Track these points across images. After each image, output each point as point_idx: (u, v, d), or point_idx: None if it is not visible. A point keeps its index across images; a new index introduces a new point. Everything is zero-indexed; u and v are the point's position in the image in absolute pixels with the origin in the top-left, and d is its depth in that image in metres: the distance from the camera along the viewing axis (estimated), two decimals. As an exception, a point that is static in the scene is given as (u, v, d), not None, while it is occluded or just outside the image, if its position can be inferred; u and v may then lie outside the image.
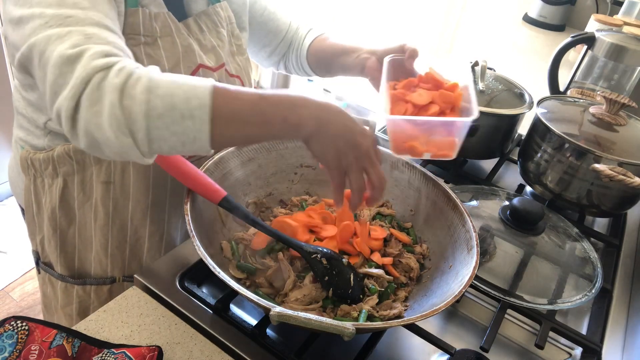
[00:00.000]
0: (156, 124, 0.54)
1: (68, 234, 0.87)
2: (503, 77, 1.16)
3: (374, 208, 0.85)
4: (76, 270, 0.91)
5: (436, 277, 0.73)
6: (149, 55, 0.73)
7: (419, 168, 0.84)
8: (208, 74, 0.80)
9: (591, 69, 1.39)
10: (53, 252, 0.89)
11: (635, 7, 1.87)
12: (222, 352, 0.64)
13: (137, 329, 0.65)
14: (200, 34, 0.81)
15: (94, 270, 0.90)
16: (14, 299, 1.92)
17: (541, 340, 0.70)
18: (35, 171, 0.82)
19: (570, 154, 0.92)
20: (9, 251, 2.07)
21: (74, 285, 0.91)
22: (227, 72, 0.86)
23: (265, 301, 0.57)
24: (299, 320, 0.54)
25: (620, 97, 0.96)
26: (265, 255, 0.73)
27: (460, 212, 0.75)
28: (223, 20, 0.85)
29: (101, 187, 0.81)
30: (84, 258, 0.89)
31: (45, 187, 0.83)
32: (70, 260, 0.90)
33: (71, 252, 0.89)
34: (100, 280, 0.90)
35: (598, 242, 0.97)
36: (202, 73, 0.80)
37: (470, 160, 1.17)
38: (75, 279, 0.91)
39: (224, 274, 0.59)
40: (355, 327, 0.53)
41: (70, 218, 0.85)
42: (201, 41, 0.81)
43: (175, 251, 0.78)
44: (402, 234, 0.81)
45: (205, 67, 0.80)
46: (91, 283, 0.91)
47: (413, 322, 0.60)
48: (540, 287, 0.78)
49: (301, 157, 0.87)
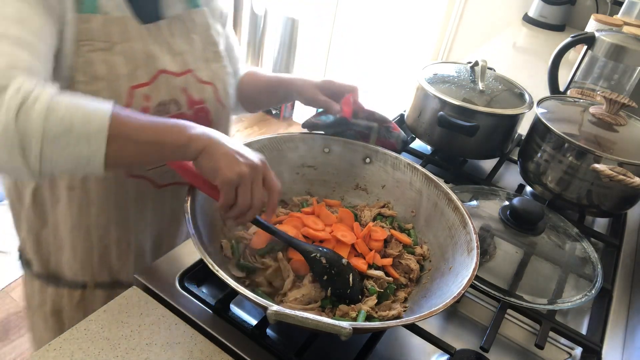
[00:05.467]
0: (50, 146, 0.55)
1: (42, 234, 0.87)
2: (503, 77, 1.16)
3: (375, 209, 0.85)
4: (51, 271, 0.91)
5: (436, 278, 0.73)
6: (105, 60, 0.72)
7: (421, 169, 0.84)
8: (170, 80, 0.79)
9: (591, 69, 1.39)
10: (30, 250, 0.90)
11: (635, 7, 1.87)
12: (222, 352, 0.64)
13: (137, 329, 0.65)
14: (170, 38, 0.80)
15: (67, 273, 0.90)
16: (14, 299, 1.92)
17: (541, 340, 0.70)
18: None
19: (570, 154, 0.92)
20: (9, 251, 2.07)
21: (48, 286, 0.92)
22: (198, 78, 0.84)
23: (263, 300, 0.57)
24: (296, 320, 0.54)
25: (620, 97, 0.96)
26: (265, 255, 0.73)
27: (462, 214, 0.75)
28: (197, 26, 0.84)
29: (66, 192, 0.80)
30: (58, 260, 0.89)
31: (23, 186, 0.84)
32: (46, 261, 0.90)
33: (46, 253, 0.89)
34: (73, 283, 0.90)
35: (598, 242, 0.97)
36: (162, 79, 0.78)
37: (470, 160, 1.17)
38: (50, 280, 0.91)
39: (222, 272, 0.59)
40: (352, 327, 0.53)
41: (44, 219, 0.85)
42: (170, 45, 0.80)
43: (175, 251, 0.78)
44: (402, 235, 0.81)
45: (167, 72, 0.79)
46: (64, 285, 0.91)
47: (413, 323, 0.60)
48: (540, 287, 0.78)
49: (304, 157, 0.88)
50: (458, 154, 1.12)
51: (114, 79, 0.73)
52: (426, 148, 1.18)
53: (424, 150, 1.15)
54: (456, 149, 1.10)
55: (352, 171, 0.89)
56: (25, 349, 1.77)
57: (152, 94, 0.77)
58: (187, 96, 0.82)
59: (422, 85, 1.07)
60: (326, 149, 0.88)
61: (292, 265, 0.71)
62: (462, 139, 1.03)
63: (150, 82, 0.76)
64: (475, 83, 1.08)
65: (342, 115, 0.84)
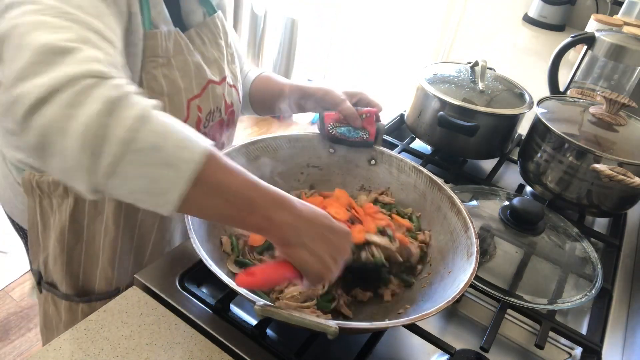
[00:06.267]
0: (131, 158, 0.46)
1: (74, 251, 0.84)
2: (503, 77, 1.16)
3: (372, 195, 0.86)
4: (80, 288, 0.89)
5: (435, 282, 0.73)
6: (166, 75, 0.72)
7: (425, 172, 0.83)
8: (215, 88, 0.80)
9: (591, 69, 1.39)
10: (59, 272, 0.86)
11: (635, 7, 1.87)
12: (222, 352, 0.64)
13: (137, 329, 0.65)
14: (203, 47, 0.80)
15: (97, 286, 0.88)
16: (14, 299, 1.92)
17: (541, 340, 0.70)
18: (42, 193, 0.79)
19: (570, 154, 0.92)
20: (9, 251, 2.07)
21: (79, 304, 0.89)
22: (228, 83, 0.85)
23: (252, 295, 0.57)
24: (281, 316, 0.54)
25: (620, 97, 0.96)
26: (264, 252, 0.73)
27: (464, 218, 0.74)
28: (220, 31, 0.84)
29: (113, 202, 0.79)
30: (89, 274, 0.87)
31: (53, 207, 0.80)
32: (75, 278, 0.87)
33: (76, 270, 0.87)
34: (105, 294, 0.89)
35: (598, 242, 0.97)
36: (210, 88, 0.79)
37: (470, 160, 1.17)
38: (80, 297, 0.89)
39: (216, 267, 0.59)
40: (338, 326, 0.53)
41: (79, 235, 0.83)
42: (204, 54, 0.80)
43: (175, 251, 0.78)
44: (404, 219, 0.81)
45: (213, 82, 0.80)
46: (96, 299, 0.89)
47: (412, 323, 0.60)
48: (540, 287, 0.78)
49: (309, 157, 0.88)
50: (458, 154, 1.12)
51: (175, 93, 0.73)
52: (426, 148, 1.18)
53: (424, 150, 1.15)
54: (456, 149, 1.10)
55: (357, 172, 0.89)
56: (25, 349, 1.77)
57: (202, 105, 0.78)
58: (224, 102, 0.83)
59: (423, 85, 1.07)
60: (331, 149, 0.88)
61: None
62: (462, 139, 1.03)
63: (201, 93, 0.77)
64: (476, 83, 1.08)
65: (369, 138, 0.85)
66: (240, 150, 0.80)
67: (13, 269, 2.00)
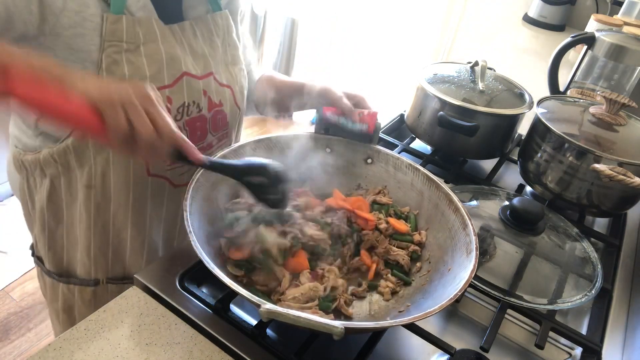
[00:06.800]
0: None
1: (56, 233, 0.88)
2: (503, 77, 1.16)
3: (370, 196, 0.86)
4: (64, 269, 0.92)
5: (435, 280, 0.73)
6: (130, 61, 0.72)
7: (422, 170, 0.83)
8: (192, 82, 0.80)
9: (591, 69, 1.39)
10: (41, 248, 0.91)
11: (635, 7, 1.87)
12: (222, 352, 0.64)
13: (137, 329, 0.65)
14: (193, 39, 0.80)
15: (79, 271, 0.91)
16: (14, 299, 1.92)
17: (541, 340, 0.70)
18: (27, 171, 0.83)
19: (570, 154, 0.92)
20: (9, 251, 2.07)
21: (60, 283, 0.93)
22: (218, 81, 0.85)
23: (257, 297, 0.57)
24: (288, 318, 0.54)
25: (620, 97, 0.96)
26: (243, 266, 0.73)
27: (462, 215, 0.75)
28: (220, 29, 0.84)
29: (83, 190, 0.81)
30: (71, 257, 0.90)
31: (36, 186, 0.84)
32: (59, 259, 0.91)
33: (59, 251, 0.90)
34: (84, 281, 0.91)
35: (598, 242, 0.97)
36: (185, 81, 0.79)
37: (470, 160, 1.17)
38: (61, 277, 0.92)
39: (217, 269, 0.59)
40: (344, 327, 0.53)
41: (59, 218, 0.86)
42: (193, 47, 0.80)
43: (175, 251, 0.78)
44: (399, 222, 0.81)
45: (189, 75, 0.79)
46: (75, 283, 0.92)
47: (412, 322, 0.60)
48: (540, 287, 0.78)
49: (305, 156, 0.87)
50: (458, 154, 1.12)
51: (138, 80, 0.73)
52: (426, 148, 1.18)
53: (424, 150, 1.15)
54: (456, 149, 1.10)
55: (354, 171, 0.89)
56: (25, 349, 1.77)
57: (173, 96, 0.77)
58: (207, 99, 0.83)
59: (423, 85, 1.07)
60: (328, 148, 0.88)
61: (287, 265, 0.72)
62: (462, 139, 1.03)
63: (173, 84, 0.77)
64: (475, 83, 1.08)
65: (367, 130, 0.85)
66: (237, 151, 0.80)
67: (13, 269, 2.00)
